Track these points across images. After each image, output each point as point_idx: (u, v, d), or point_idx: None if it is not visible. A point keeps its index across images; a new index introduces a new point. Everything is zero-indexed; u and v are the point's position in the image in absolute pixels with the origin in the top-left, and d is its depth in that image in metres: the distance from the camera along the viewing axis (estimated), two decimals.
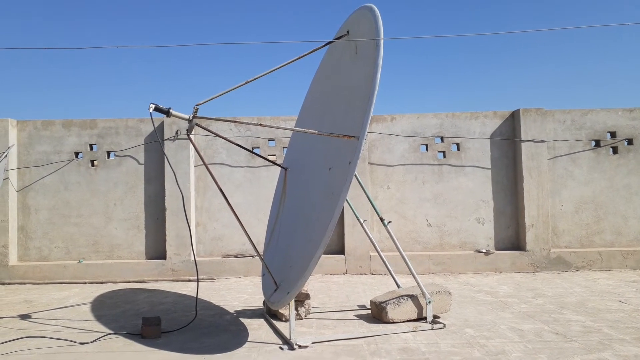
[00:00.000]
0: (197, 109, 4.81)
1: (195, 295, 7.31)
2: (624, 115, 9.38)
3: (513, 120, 9.42)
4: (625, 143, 9.37)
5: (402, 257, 5.64)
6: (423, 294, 5.51)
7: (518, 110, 9.27)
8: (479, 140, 9.41)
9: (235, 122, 4.78)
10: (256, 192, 9.37)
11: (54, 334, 5.40)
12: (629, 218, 9.27)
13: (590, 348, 4.53)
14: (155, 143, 9.38)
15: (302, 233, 5.12)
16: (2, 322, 6.01)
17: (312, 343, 4.80)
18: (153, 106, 4.53)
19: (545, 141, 9.16)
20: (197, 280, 5.72)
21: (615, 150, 9.38)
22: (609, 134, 9.40)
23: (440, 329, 5.28)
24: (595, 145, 9.41)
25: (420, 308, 5.59)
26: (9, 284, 8.80)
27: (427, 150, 9.44)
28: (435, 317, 5.61)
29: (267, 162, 9.25)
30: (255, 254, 8.79)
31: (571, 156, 9.35)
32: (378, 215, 5.85)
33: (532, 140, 9.13)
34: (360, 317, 5.88)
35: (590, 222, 9.29)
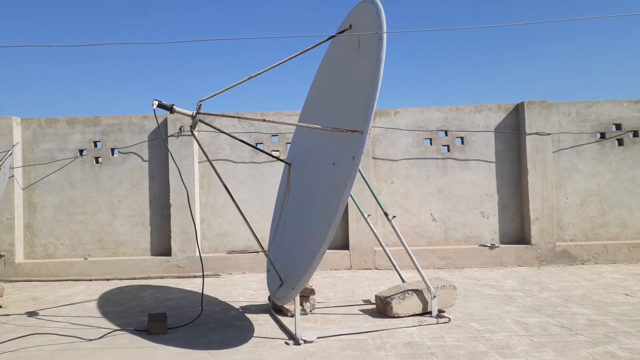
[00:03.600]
0: (201, 105, 4.80)
1: (200, 291, 7.33)
2: (629, 106, 9.32)
3: (517, 113, 9.38)
4: (631, 135, 9.31)
5: (407, 251, 5.64)
6: (428, 288, 5.51)
7: (522, 103, 9.22)
8: (483, 134, 9.37)
9: (238, 117, 4.77)
10: (260, 187, 9.37)
11: (60, 330, 5.43)
12: (634, 210, 9.23)
13: (595, 341, 4.52)
14: (159, 140, 9.40)
15: (307, 228, 5.13)
16: (9, 319, 6.05)
17: (318, 338, 4.81)
18: (156, 102, 4.53)
19: (550, 134, 9.12)
20: (203, 276, 5.74)
21: (620, 142, 9.33)
22: (614, 126, 9.34)
23: (446, 323, 5.28)
24: (600, 138, 9.36)
25: (425, 302, 5.59)
26: (16, 281, 8.86)
27: (431, 144, 9.42)
28: (440, 311, 5.61)
29: (270, 158, 9.24)
30: (260, 250, 8.81)
31: (576, 149, 9.31)
32: (382, 210, 5.85)
33: (536, 133, 9.09)
34: (365, 312, 5.89)
35: (595, 215, 9.25)
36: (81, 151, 9.45)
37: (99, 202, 9.36)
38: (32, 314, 6.31)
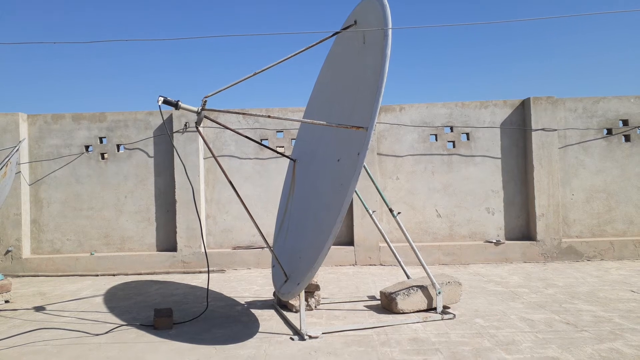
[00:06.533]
0: (206, 101, 4.81)
1: (206, 287, 7.36)
2: (636, 102, 9.25)
3: (523, 109, 9.33)
4: (638, 131, 9.25)
5: (412, 247, 5.63)
6: (433, 284, 5.51)
7: (528, 99, 9.18)
8: (489, 130, 9.34)
9: (243, 114, 4.77)
10: (265, 183, 9.39)
11: (67, 325, 5.47)
12: None
13: (601, 338, 4.51)
14: (164, 136, 9.42)
15: (312, 224, 5.13)
16: (16, 314, 6.10)
17: (323, 333, 4.82)
18: (162, 99, 4.54)
19: (556, 130, 9.07)
20: (208, 271, 5.77)
21: (627, 138, 9.27)
22: (621, 122, 9.28)
23: (450, 319, 5.28)
24: (607, 134, 9.30)
25: (430, 299, 5.59)
26: (23, 276, 8.93)
27: (436, 140, 9.39)
28: (445, 307, 5.61)
29: (275, 154, 9.25)
30: (265, 246, 8.82)
31: (582, 145, 9.26)
32: (387, 206, 5.84)
33: (542, 129, 9.04)
34: (370, 307, 5.89)
35: (601, 211, 9.20)
36: (87, 147, 9.49)
37: (104, 197, 9.40)
38: (39, 308, 6.36)
